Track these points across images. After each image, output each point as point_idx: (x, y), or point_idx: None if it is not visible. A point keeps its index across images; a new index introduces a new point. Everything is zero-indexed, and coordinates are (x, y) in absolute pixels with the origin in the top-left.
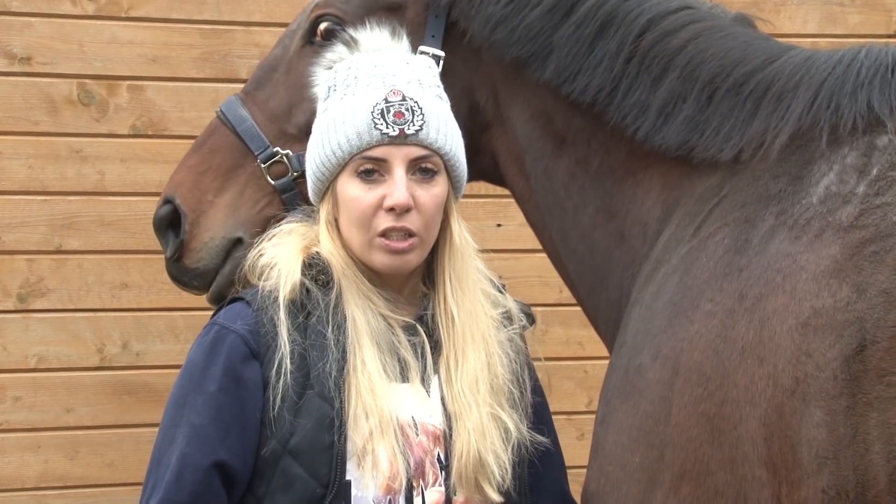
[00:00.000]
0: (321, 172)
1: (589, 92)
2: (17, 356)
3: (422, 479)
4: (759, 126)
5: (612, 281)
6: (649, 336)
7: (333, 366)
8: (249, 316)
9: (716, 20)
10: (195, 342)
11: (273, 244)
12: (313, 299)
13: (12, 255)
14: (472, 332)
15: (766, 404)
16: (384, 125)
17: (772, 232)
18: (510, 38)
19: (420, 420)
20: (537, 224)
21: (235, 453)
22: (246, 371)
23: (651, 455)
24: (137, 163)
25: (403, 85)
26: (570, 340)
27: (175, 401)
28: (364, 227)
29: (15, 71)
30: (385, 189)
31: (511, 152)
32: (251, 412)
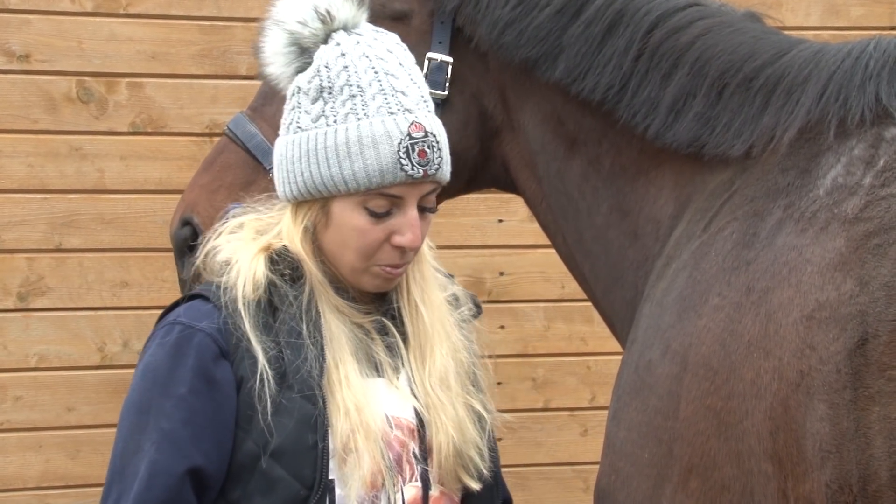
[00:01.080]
0: (316, 188)
1: (598, 90)
2: (17, 355)
3: (400, 475)
4: (770, 121)
5: (626, 280)
6: (659, 331)
7: (313, 363)
8: (214, 313)
9: (724, 16)
10: (152, 344)
11: (227, 240)
12: (282, 295)
13: (12, 254)
14: (439, 321)
15: (771, 398)
16: (409, 166)
17: (779, 225)
18: (519, 40)
19: (393, 415)
20: (550, 227)
21: (211, 459)
22: (218, 371)
23: (660, 450)
24: (137, 160)
25: (421, 114)
26: (572, 336)
27: (137, 407)
28: (365, 258)
29: (13, 69)
30: (394, 225)
31: (522, 156)
32: (225, 414)
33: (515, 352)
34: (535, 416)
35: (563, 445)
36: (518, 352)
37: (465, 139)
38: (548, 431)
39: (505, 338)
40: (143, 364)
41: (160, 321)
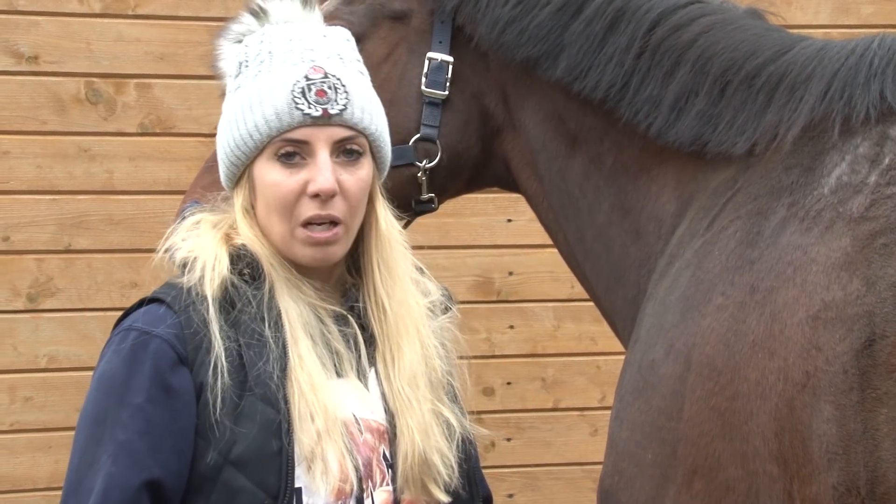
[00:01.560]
0: (235, 156)
1: (600, 88)
2: (27, 356)
3: (370, 480)
4: (773, 118)
5: (628, 278)
6: (662, 331)
7: (275, 365)
8: (172, 317)
9: (726, 13)
10: (108, 351)
11: (183, 238)
12: (242, 295)
13: (21, 255)
14: (405, 323)
15: (776, 398)
16: (306, 105)
17: (783, 224)
18: (520, 38)
19: (362, 417)
20: (551, 225)
21: (169, 469)
22: (175, 379)
23: (663, 451)
24: (146, 161)
25: (324, 60)
26: (582, 336)
27: (92, 418)
28: (285, 216)
29: (22, 70)
30: (308, 174)
31: (523, 155)
32: (184, 423)
33: (525, 352)
34: (544, 416)
35: (573, 445)
36: (527, 352)
37: (466, 138)
38: (557, 431)
39: (514, 337)
40: (98, 372)
41: (116, 326)
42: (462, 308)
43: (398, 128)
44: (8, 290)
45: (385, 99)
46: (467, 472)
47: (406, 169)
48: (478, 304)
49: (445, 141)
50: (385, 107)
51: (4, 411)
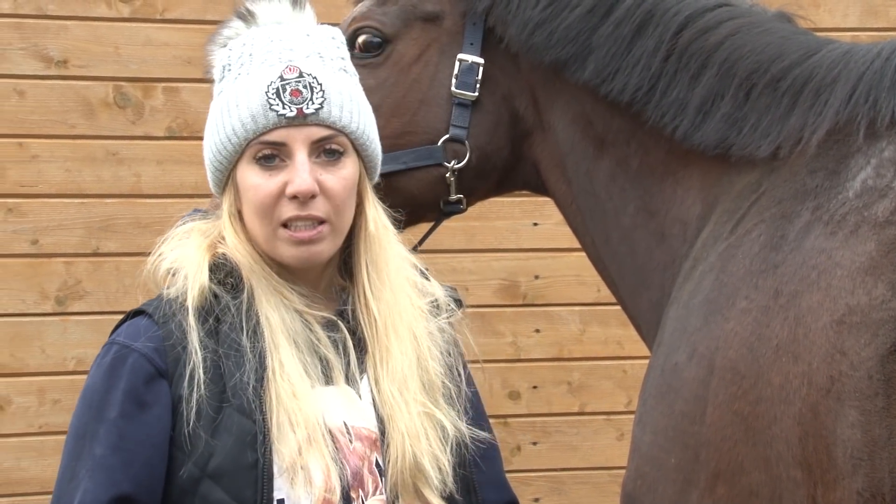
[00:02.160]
0: (218, 161)
1: (627, 91)
2: (55, 359)
3: (361, 489)
4: (797, 122)
5: (653, 282)
6: (685, 334)
7: (251, 375)
8: (153, 330)
9: (754, 16)
10: (94, 363)
11: (172, 247)
12: (222, 304)
13: (50, 258)
14: (395, 325)
15: (800, 403)
16: (280, 105)
17: (807, 227)
18: (549, 40)
19: (352, 424)
20: (579, 228)
21: (141, 484)
22: (150, 393)
23: (686, 455)
24: (173, 164)
25: (301, 60)
26: (608, 340)
27: (75, 432)
28: (266, 218)
29: (51, 74)
30: (287, 175)
31: (552, 158)
32: (158, 438)
33: (551, 355)
34: (570, 420)
35: (599, 449)
36: (553, 355)
37: (495, 140)
38: (584, 435)
39: (540, 341)
40: (83, 387)
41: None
42: (488, 312)
43: (427, 128)
44: (37, 293)
45: (415, 99)
46: (463, 477)
47: (434, 169)
48: (504, 308)
49: (474, 142)
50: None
51: (33, 414)
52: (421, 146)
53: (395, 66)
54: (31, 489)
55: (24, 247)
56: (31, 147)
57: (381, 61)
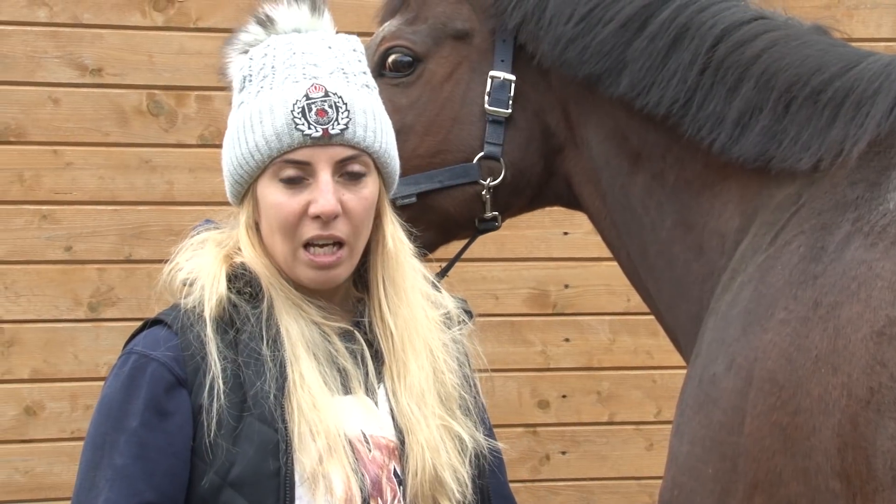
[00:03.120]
0: (238, 174)
1: (663, 104)
2: (88, 364)
3: (380, 498)
4: (838, 134)
5: (691, 294)
6: (724, 345)
7: (272, 384)
8: (172, 339)
9: (790, 29)
10: (111, 373)
11: (188, 257)
12: (241, 314)
13: (83, 265)
14: (411, 340)
15: (839, 414)
16: (305, 125)
17: (847, 239)
18: (582, 56)
19: (371, 434)
20: (614, 242)
21: (163, 493)
22: (171, 403)
23: (724, 466)
24: (205, 172)
25: (325, 77)
26: (638, 350)
27: (93, 442)
28: (288, 237)
29: (86, 82)
30: (310, 195)
31: (585, 173)
32: (179, 446)
33: (580, 365)
34: (600, 430)
35: (629, 459)
36: (583, 365)
37: (528, 156)
38: (613, 445)
39: (569, 351)
40: (100, 397)
41: (124, 348)
42: (517, 321)
43: (462, 145)
44: (70, 300)
45: (448, 117)
46: (481, 488)
47: (470, 187)
48: (533, 317)
49: (509, 158)
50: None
51: (66, 419)
52: (456, 164)
53: (427, 85)
54: (63, 494)
55: (57, 253)
56: (66, 154)
57: (412, 80)
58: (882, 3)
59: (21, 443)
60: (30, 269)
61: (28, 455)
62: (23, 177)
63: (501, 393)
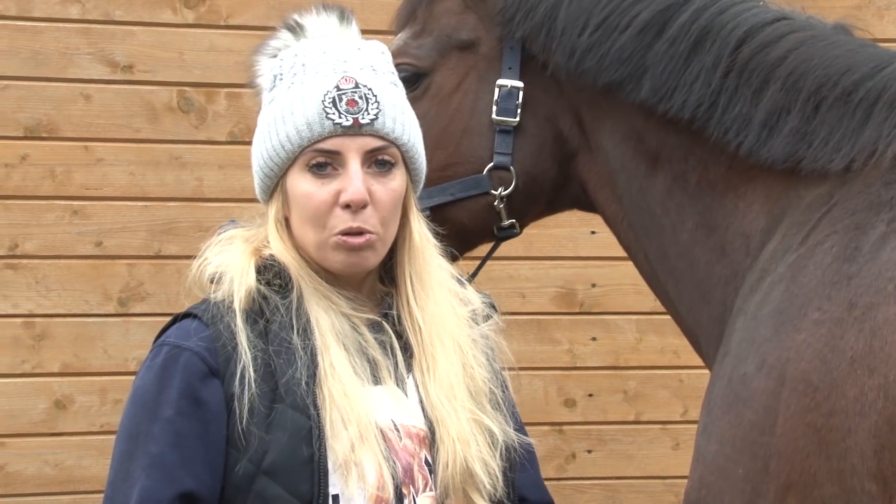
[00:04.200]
0: (269, 168)
1: (687, 108)
2: (117, 359)
3: (412, 486)
4: (872, 134)
5: (714, 296)
6: (754, 345)
7: (303, 372)
8: (203, 330)
9: (815, 29)
10: (143, 366)
11: (216, 252)
12: (271, 305)
13: (113, 260)
14: (439, 334)
15: (876, 416)
16: (336, 114)
17: (883, 239)
18: (601, 64)
19: (401, 423)
20: (632, 245)
21: (202, 481)
22: (205, 391)
23: (755, 466)
24: (235, 169)
25: (356, 71)
26: (665, 349)
27: (127, 432)
28: (319, 226)
29: (117, 79)
30: (339, 184)
31: (601, 176)
32: (215, 434)
33: (607, 364)
34: (626, 429)
35: (655, 459)
36: (610, 364)
37: (541, 162)
38: (639, 444)
39: (596, 350)
40: (133, 388)
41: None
42: (544, 319)
43: (472, 157)
44: (100, 295)
45: (458, 129)
46: (512, 481)
47: (482, 198)
48: (560, 316)
49: (520, 167)
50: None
51: (95, 413)
52: (467, 176)
53: (435, 98)
54: (92, 487)
55: (88, 248)
56: (97, 150)
57: (420, 94)
58: None
59: (51, 436)
60: (60, 264)
61: (58, 448)
62: (54, 172)
63: (528, 391)
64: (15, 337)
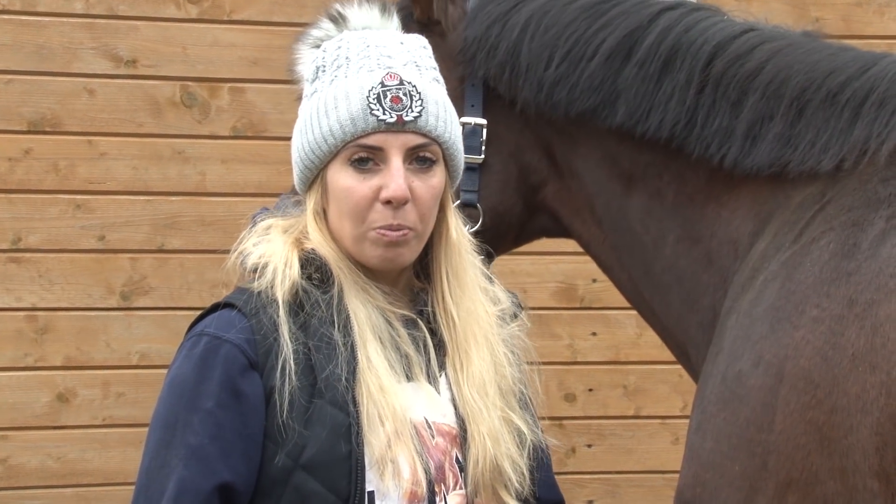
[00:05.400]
0: (309, 160)
1: (665, 127)
2: (120, 353)
3: (443, 483)
4: (862, 134)
5: (702, 304)
6: (749, 342)
7: (344, 368)
8: (243, 322)
9: (787, 38)
10: (179, 355)
11: (254, 243)
12: (312, 299)
13: (116, 254)
14: (473, 332)
15: (878, 413)
16: (381, 111)
17: (882, 236)
18: (572, 94)
19: (433, 420)
20: (613, 266)
21: (239, 474)
22: (245, 384)
23: (753, 463)
24: (238, 164)
25: (400, 67)
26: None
27: (163, 421)
28: (358, 221)
29: (121, 73)
30: (381, 180)
31: (575, 202)
32: (254, 428)
33: (607, 359)
34: (626, 424)
35: (655, 453)
36: (610, 359)
37: (507, 198)
38: (639, 439)
39: (597, 344)
40: (170, 377)
41: (189, 331)
42: (545, 314)
43: None
44: (103, 289)
45: None
46: (539, 480)
47: None
48: (561, 311)
49: (486, 203)
50: None
51: (98, 406)
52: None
53: None
54: (94, 480)
55: (91, 242)
56: (100, 145)
57: None
58: None
59: (54, 429)
60: (63, 257)
61: (61, 441)
62: (58, 166)
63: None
64: (18, 330)
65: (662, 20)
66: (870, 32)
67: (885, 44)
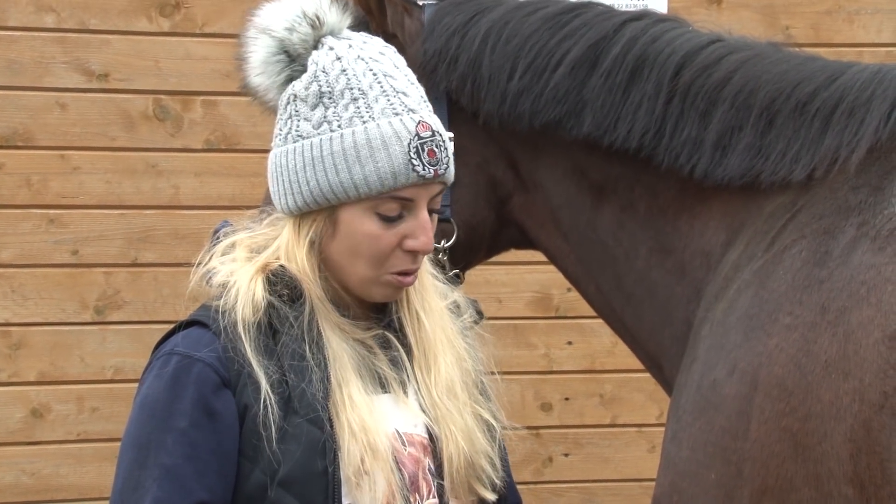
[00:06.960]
0: (324, 197)
1: (633, 137)
2: (94, 367)
3: (417, 493)
4: (832, 142)
5: (676, 317)
6: (723, 351)
7: (318, 386)
8: (213, 341)
9: (755, 48)
10: (149, 375)
11: (221, 261)
12: (282, 316)
13: (90, 268)
14: (438, 333)
15: (851, 420)
16: (421, 166)
17: (853, 243)
18: (536, 105)
19: (405, 431)
20: (581, 278)
21: (215, 493)
22: (218, 402)
23: (728, 471)
24: (211, 177)
25: (424, 113)
26: None
27: (136, 442)
28: (377, 266)
29: (93, 87)
30: (406, 228)
31: (541, 215)
32: (228, 446)
33: (583, 367)
34: (602, 432)
35: (631, 462)
36: (586, 367)
37: (479, 211)
38: (615, 447)
39: (572, 353)
40: (140, 397)
41: (156, 350)
42: (520, 324)
43: None
44: (76, 303)
45: None
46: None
47: None
48: (536, 320)
49: (459, 218)
50: None
51: (72, 421)
52: None
53: None
54: (69, 496)
55: (64, 257)
56: (73, 159)
57: None
58: (883, 9)
59: (28, 445)
60: (37, 272)
61: (34, 457)
62: (30, 181)
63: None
64: None
65: (628, 31)
66: (839, 41)
67: (855, 52)
